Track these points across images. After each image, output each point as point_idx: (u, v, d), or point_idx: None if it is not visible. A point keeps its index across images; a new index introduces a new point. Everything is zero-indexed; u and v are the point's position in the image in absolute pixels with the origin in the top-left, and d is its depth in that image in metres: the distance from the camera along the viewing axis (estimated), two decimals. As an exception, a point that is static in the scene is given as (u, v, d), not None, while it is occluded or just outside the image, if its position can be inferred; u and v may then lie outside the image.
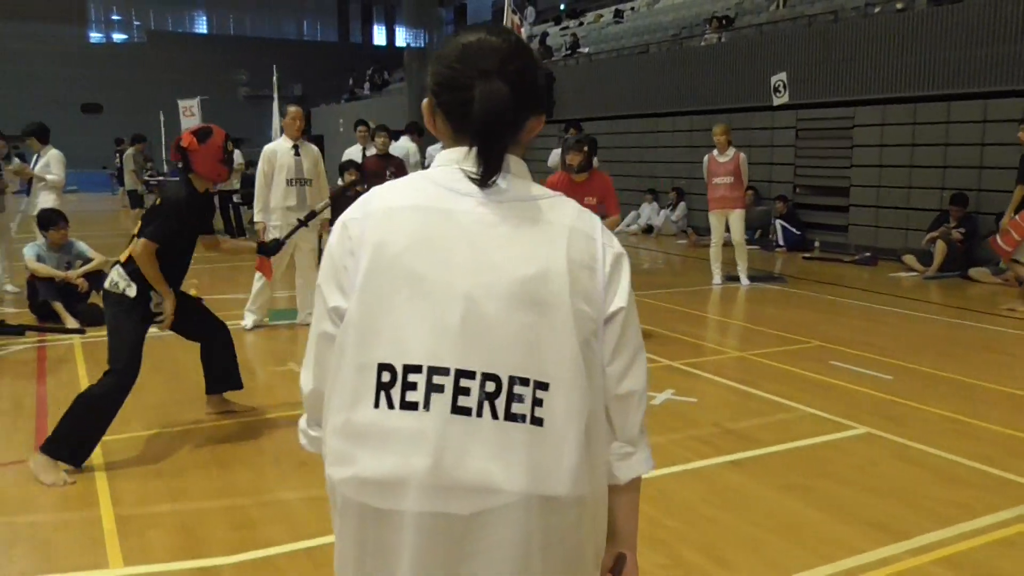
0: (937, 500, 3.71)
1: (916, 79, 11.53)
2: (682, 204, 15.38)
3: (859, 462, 4.20)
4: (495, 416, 1.21)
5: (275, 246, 4.88)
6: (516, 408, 1.22)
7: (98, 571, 3.06)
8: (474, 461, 1.20)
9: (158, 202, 4.24)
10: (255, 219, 7.07)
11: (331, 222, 9.65)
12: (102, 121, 33.05)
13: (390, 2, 44.02)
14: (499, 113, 1.25)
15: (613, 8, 23.88)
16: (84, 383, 5.44)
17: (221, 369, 4.68)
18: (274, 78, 19.03)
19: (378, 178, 9.02)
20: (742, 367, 6.09)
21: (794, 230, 12.94)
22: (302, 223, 5.00)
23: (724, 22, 16.11)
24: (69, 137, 9.46)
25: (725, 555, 3.21)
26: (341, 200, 8.41)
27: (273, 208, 6.97)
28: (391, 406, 1.22)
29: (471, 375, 1.21)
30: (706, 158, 9.57)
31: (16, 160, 8.99)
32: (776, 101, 10.88)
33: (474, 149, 1.27)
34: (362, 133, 10.71)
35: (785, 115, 12.86)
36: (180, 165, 4.31)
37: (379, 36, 46.50)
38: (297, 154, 6.97)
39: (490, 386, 1.21)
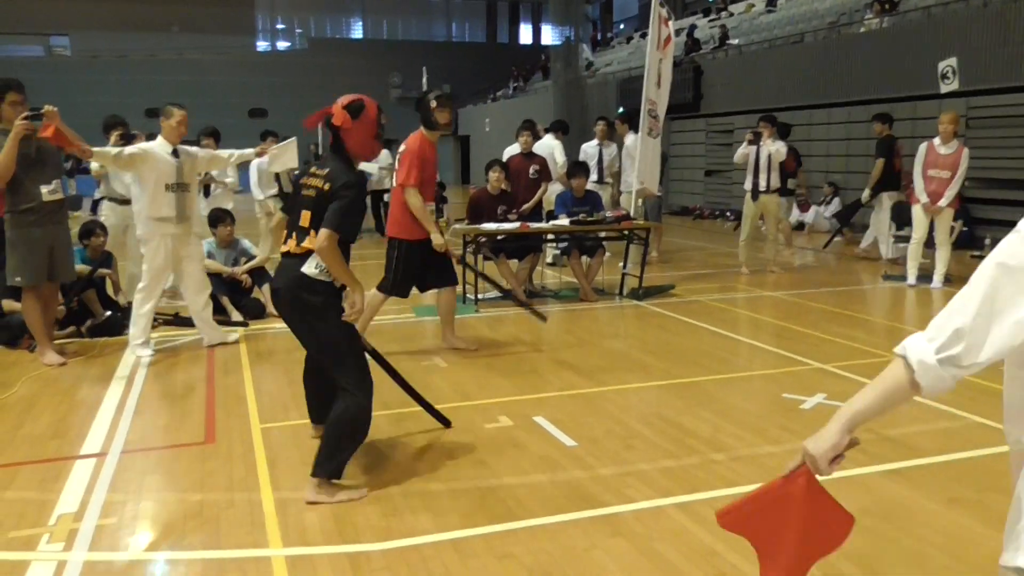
0: None
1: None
2: (836, 200, 14.67)
3: (1037, 478, 3.86)
4: None
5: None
6: None
7: (259, 550, 3.23)
8: None
9: (326, 187, 3.63)
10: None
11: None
12: (267, 125, 35.06)
13: (537, 1, 44.32)
14: None
15: (765, -3, 23.07)
16: (248, 372, 5.79)
17: (328, 393, 3.91)
18: (423, 79, 19.62)
19: (521, 177, 8.94)
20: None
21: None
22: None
23: (887, 6, 15.23)
24: (237, 140, 9.99)
25: (884, 569, 3.04)
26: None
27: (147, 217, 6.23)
28: None
29: None
30: (923, 147, 8.69)
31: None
32: (944, 88, 10.17)
33: None
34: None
35: (954, 103, 12.01)
36: (331, 145, 3.77)
37: (525, 35, 46.92)
38: (176, 156, 6.26)
39: None
